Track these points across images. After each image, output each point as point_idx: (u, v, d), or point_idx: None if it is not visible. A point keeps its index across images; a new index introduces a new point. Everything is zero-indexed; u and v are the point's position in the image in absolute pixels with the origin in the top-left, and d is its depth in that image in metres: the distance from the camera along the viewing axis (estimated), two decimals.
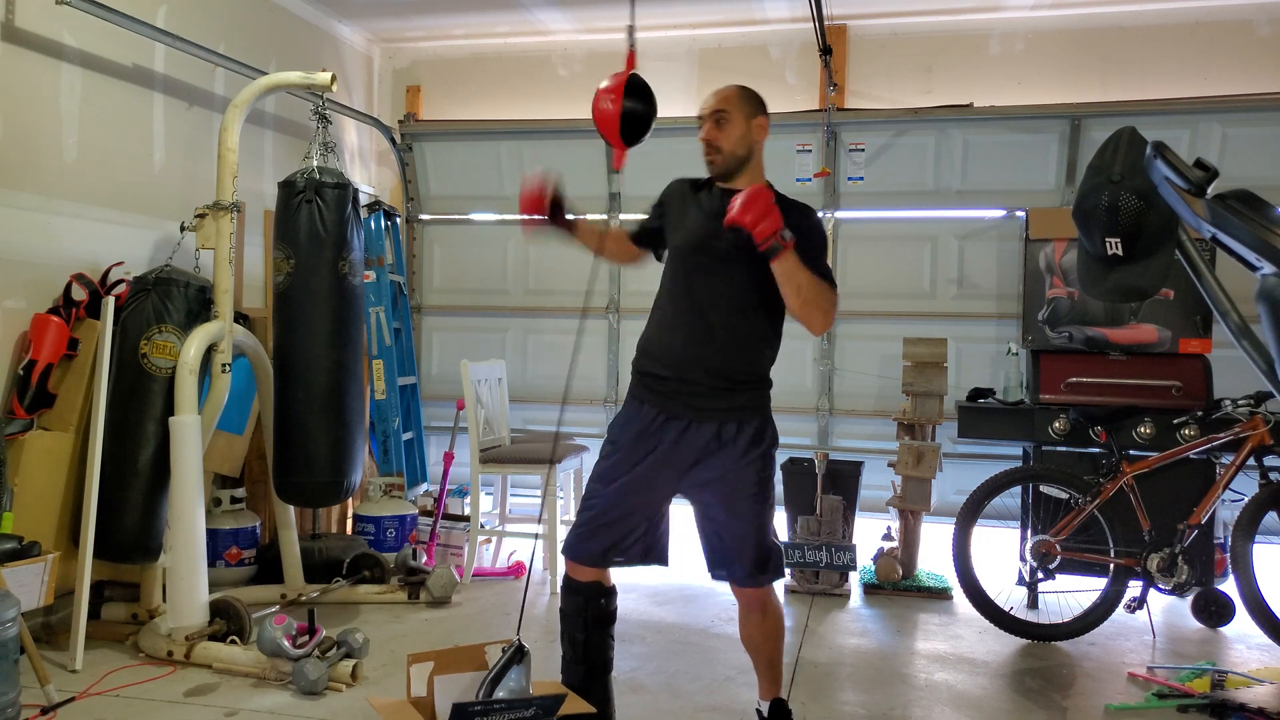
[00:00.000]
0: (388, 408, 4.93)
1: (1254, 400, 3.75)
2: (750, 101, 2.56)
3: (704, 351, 2.48)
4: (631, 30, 2.69)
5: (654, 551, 2.61)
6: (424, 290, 5.82)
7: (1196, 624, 3.99)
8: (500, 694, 2.26)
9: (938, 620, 4.05)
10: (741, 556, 2.53)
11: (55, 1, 3.42)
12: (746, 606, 2.61)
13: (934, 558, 4.62)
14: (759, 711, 2.69)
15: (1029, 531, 4.10)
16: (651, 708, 3.04)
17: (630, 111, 2.53)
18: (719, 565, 2.59)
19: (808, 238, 2.41)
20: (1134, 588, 3.75)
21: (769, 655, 2.64)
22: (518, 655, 2.35)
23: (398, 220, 5.42)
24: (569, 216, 2.66)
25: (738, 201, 2.27)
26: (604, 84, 2.56)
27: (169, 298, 3.50)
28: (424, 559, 4.53)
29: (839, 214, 5.21)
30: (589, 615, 2.58)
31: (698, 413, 2.49)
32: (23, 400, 3.36)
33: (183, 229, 3.62)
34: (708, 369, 2.48)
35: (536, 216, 2.62)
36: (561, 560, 2.55)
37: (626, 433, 2.56)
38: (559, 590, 2.68)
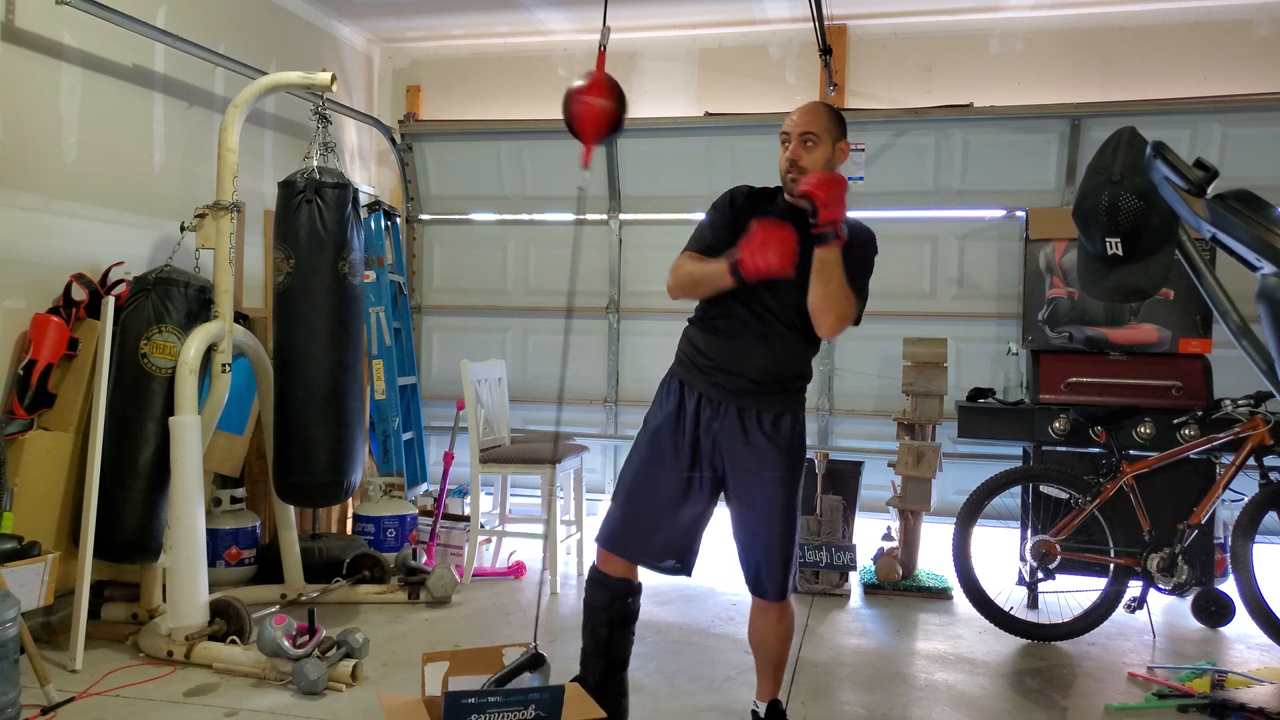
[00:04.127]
0: (388, 408, 4.93)
1: (1254, 400, 3.75)
2: (838, 124, 2.53)
3: (758, 356, 2.51)
4: (605, 30, 2.61)
5: (684, 558, 2.61)
6: (424, 290, 5.82)
7: (1196, 624, 3.99)
8: None
9: (938, 620, 4.05)
10: (773, 569, 2.52)
11: (55, 1, 3.43)
12: (766, 607, 2.59)
13: (934, 558, 4.62)
14: (754, 712, 2.69)
15: (1029, 531, 4.10)
16: (651, 708, 3.04)
17: (618, 111, 2.46)
18: (752, 576, 2.58)
19: (861, 254, 2.48)
20: (1134, 588, 3.75)
21: (778, 656, 2.64)
22: (534, 662, 2.34)
23: (398, 220, 5.42)
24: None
25: (816, 177, 2.32)
26: (581, 83, 2.47)
27: (169, 298, 3.50)
28: (424, 559, 4.53)
29: None
30: (614, 612, 2.60)
31: (739, 399, 2.51)
32: (23, 400, 3.36)
33: (183, 229, 3.62)
34: (760, 371, 2.50)
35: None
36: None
37: (663, 419, 2.58)
38: (587, 581, 2.69)
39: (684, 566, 2.63)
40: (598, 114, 2.42)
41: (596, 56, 2.55)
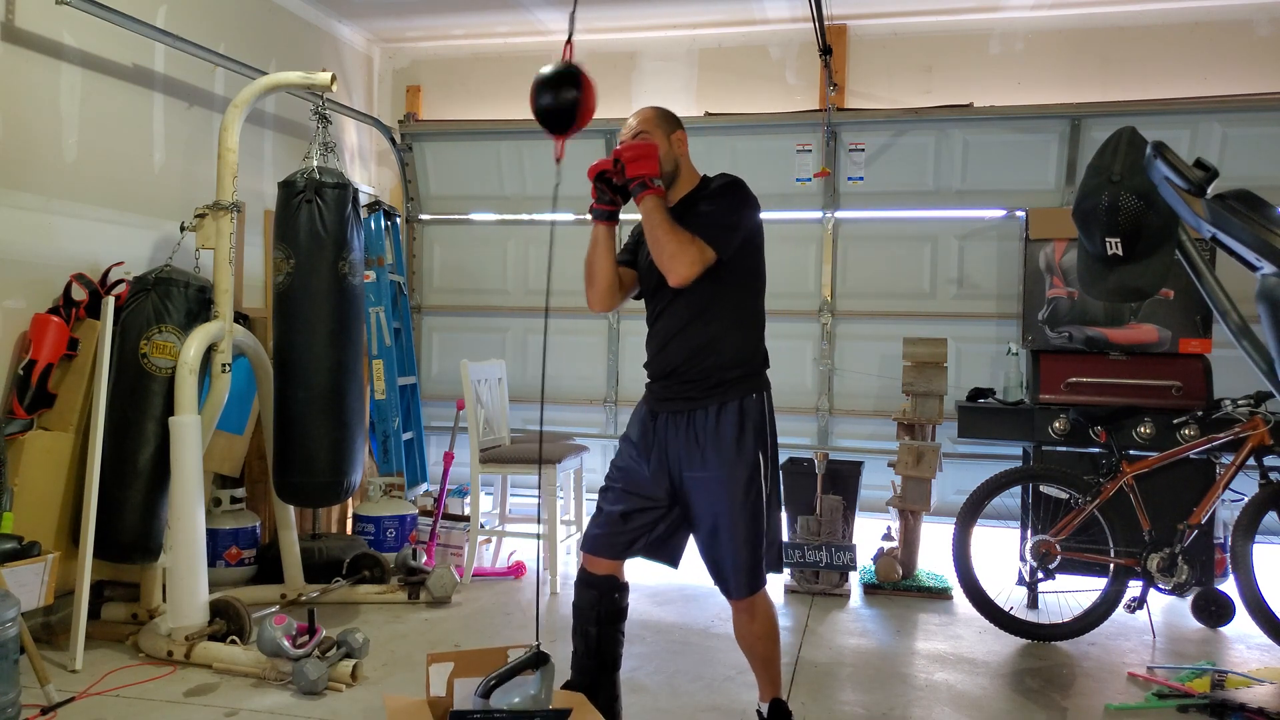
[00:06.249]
0: (388, 408, 4.93)
1: (1254, 400, 3.75)
2: (667, 119, 2.68)
3: (677, 354, 2.60)
4: (572, 19, 2.62)
5: (662, 549, 2.65)
6: (424, 290, 5.82)
7: (1196, 624, 3.99)
8: (516, 698, 2.23)
9: (938, 620, 4.05)
10: (732, 566, 2.54)
11: (55, 1, 3.43)
12: (735, 608, 2.63)
13: (934, 558, 4.62)
14: (759, 712, 2.70)
15: (1029, 531, 4.10)
16: (651, 708, 3.04)
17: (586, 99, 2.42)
18: (711, 575, 2.62)
19: (718, 194, 2.58)
20: (1134, 588, 3.75)
21: (762, 656, 2.66)
22: (536, 661, 2.32)
23: (398, 220, 5.42)
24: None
25: (627, 144, 2.53)
26: (554, 71, 2.43)
27: (169, 298, 3.50)
28: (424, 559, 4.53)
29: (839, 214, 5.21)
30: (602, 610, 2.62)
31: (678, 404, 2.59)
32: (23, 400, 3.36)
33: (183, 229, 3.62)
34: (682, 369, 2.59)
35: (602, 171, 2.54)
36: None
37: (632, 430, 2.70)
38: (574, 584, 2.70)
39: (659, 559, 2.67)
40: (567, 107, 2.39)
41: (564, 47, 2.50)
